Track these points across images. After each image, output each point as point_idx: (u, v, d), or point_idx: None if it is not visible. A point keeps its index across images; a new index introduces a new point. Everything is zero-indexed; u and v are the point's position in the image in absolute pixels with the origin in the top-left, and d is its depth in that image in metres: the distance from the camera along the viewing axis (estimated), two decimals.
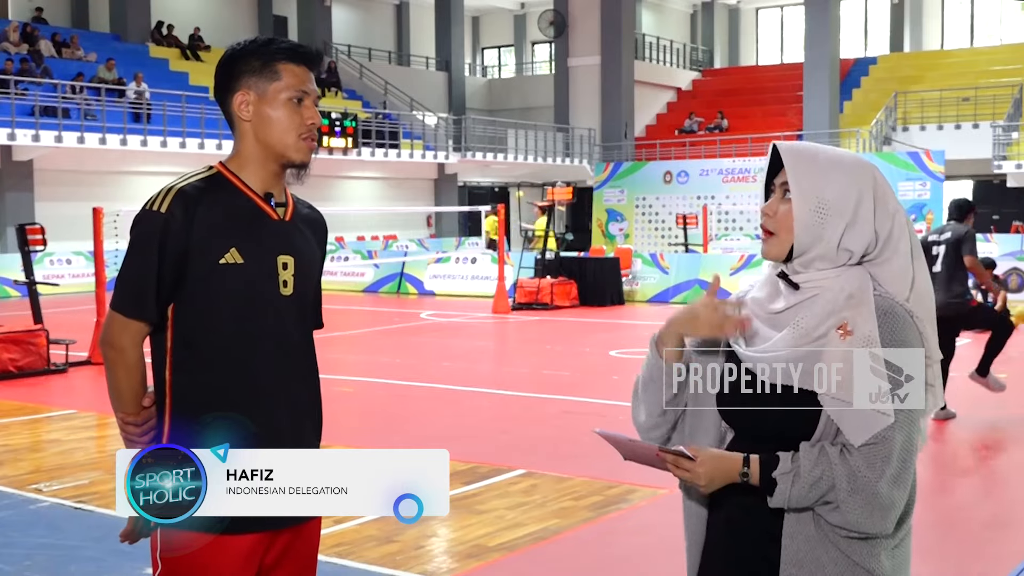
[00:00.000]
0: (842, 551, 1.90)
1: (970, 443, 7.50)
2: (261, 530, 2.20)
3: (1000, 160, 26.45)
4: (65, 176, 21.70)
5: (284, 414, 2.26)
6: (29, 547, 4.94)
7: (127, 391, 2.25)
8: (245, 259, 2.22)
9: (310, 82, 2.31)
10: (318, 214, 2.48)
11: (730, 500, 1.99)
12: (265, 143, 2.29)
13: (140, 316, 2.21)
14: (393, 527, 5.28)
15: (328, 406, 2.44)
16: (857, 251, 1.95)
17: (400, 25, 37.46)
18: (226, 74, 2.31)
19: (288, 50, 2.29)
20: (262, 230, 2.27)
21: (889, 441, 1.86)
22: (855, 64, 34.49)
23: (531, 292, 17.03)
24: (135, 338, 2.23)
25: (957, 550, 5.17)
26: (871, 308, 1.91)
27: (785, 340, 1.94)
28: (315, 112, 2.31)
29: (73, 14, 28.95)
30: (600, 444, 2.07)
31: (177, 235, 2.17)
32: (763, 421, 1.97)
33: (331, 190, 27.43)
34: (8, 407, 8.65)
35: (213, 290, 2.20)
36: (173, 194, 2.20)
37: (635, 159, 31.91)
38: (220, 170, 2.30)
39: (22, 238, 10.78)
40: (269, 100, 2.27)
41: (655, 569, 4.81)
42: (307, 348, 2.36)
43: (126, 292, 2.22)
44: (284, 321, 2.28)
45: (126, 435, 2.27)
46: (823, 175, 1.95)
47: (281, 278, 2.27)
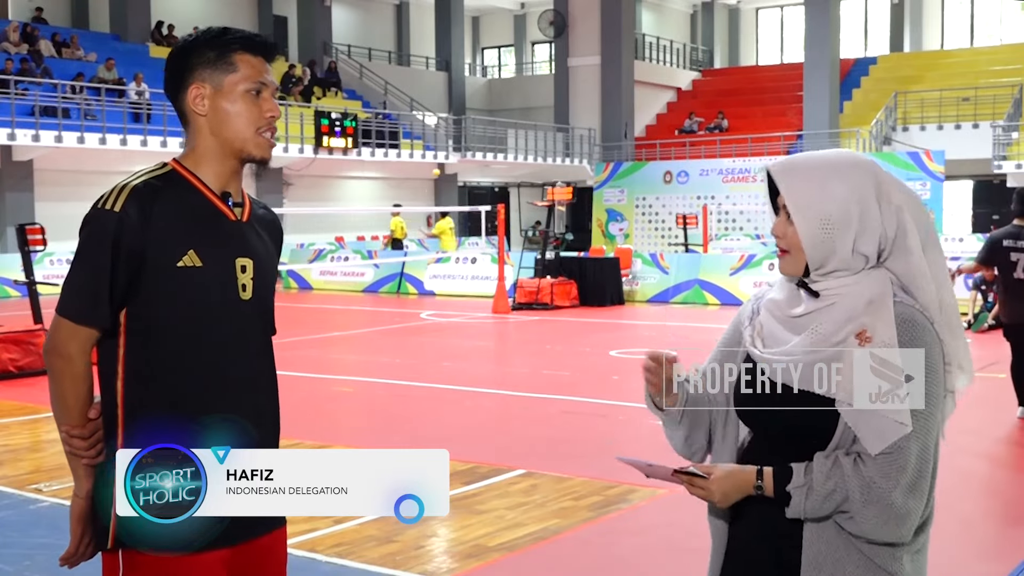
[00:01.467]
0: (864, 554, 1.90)
1: (970, 442, 7.50)
2: (225, 546, 2.10)
3: (1000, 160, 26.45)
4: (65, 176, 21.70)
5: (245, 419, 2.15)
6: (29, 547, 4.94)
7: (73, 402, 2.11)
8: (204, 262, 2.10)
9: (267, 73, 2.20)
10: (273, 215, 2.36)
11: (750, 508, 1.98)
12: (222, 138, 2.17)
13: (91, 322, 2.08)
14: (393, 527, 5.28)
15: (328, 406, 2.45)
16: (871, 252, 1.94)
17: (400, 25, 37.47)
18: (178, 67, 2.18)
19: (244, 40, 2.18)
20: (220, 231, 2.16)
21: (905, 451, 1.86)
22: (855, 64, 34.49)
23: (531, 292, 17.03)
24: (84, 345, 2.09)
25: (958, 550, 5.17)
26: (891, 315, 1.90)
27: (803, 345, 1.93)
28: (274, 104, 2.21)
29: (73, 14, 28.96)
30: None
31: (132, 235, 2.05)
32: (778, 423, 1.97)
33: (331, 190, 27.45)
34: (8, 407, 8.65)
35: (170, 294, 2.08)
36: (127, 192, 2.07)
37: (635, 159, 31.92)
38: (175, 167, 2.18)
39: (22, 238, 10.78)
40: (225, 93, 2.15)
41: (655, 569, 4.81)
42: (267, 353, 2.25)
43: (76, 296, 2.08)
44: (243, 326, 2.17)
45: (71, 449, 2.12)
46: (821, 191, 1.92)
47: (240, 282, 2.16)
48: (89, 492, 2.13)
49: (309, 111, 25.57)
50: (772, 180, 2.01)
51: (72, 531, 2.15)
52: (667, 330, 14.13)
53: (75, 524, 2.15)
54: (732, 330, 2.12)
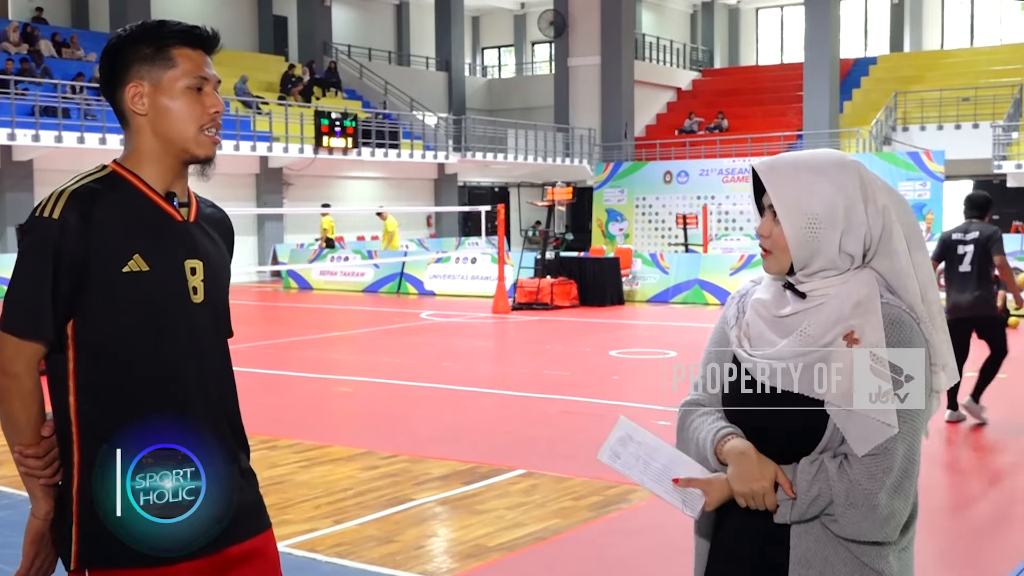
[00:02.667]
0: (852, 552, 1.91)
1: (971, 442, 7.50)
2: (196, 557, 2.02)
3: (1000, 160, 26.45)
4: (65, 176, 21.34)
5: (205, 428, 2.06)
6: None
7: (24, 421, 2.02)
8: (151, 266, 2.02)
9: (208, 67, 2.10)
10: (223, 213, 2.26)
11: (734, 509, 1.99)
12: (164, 138, 2.07)
13: (35, 336, 1.98)
14: (393, 527, 5.29)
15: (328, 406, 2.45)
16: (857, 252, 1.94)
17: (400, 25, 37.47)
18: (114, 64, 2.08)
19: (181, 33, 2.08)
20: (166, 233, 2.07)
21: (891, 452, 1.87)
22: (855, 64, 34.49)
23: (531, 292, 17.03)
24: (30, 362, 1.99)
25: (958, 550, 5.17)
26: (879, 318, 1.90)
27: (791, 346, 1.94)
28: (217, 99, 2.10)
29: (73, 14, 28.96)
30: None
31: (73, 243, 1.96)
32: (764, 424, 1.98)
33: (331, 190, 27.44)
34: None
35: (117, 301, 1.99)
36: (66, 198, 1.99)
37: (635, 159, 31.91)
38: (115, 169, 2.09)
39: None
40: (165, 90, 2.06)
41: (655, 569, 4.81)
42: (223, 358, 2.17)
43: (18, 310, 1.98)
44: (197, 331, 2.08)
45: (26, 469, 2.05)
46: (807, 190, 1.92)
47: (190, 284, 2.07)
48: (48, 513, 2.08)
49: (309, 111, 25.58)
50: (757, 179, 2.01)
51: (25, 552, 2.09)
52: (667, 330, 14.14)
53: (28, 545, 2.09)
54: (719, 331, 2.11)
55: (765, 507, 1.93)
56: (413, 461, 6.67)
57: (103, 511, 1.98)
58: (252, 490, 2.20)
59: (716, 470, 1.98)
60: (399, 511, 5.56)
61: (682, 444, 2.08)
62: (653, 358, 11.23)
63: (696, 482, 1.98)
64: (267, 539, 2.20)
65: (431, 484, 6.12)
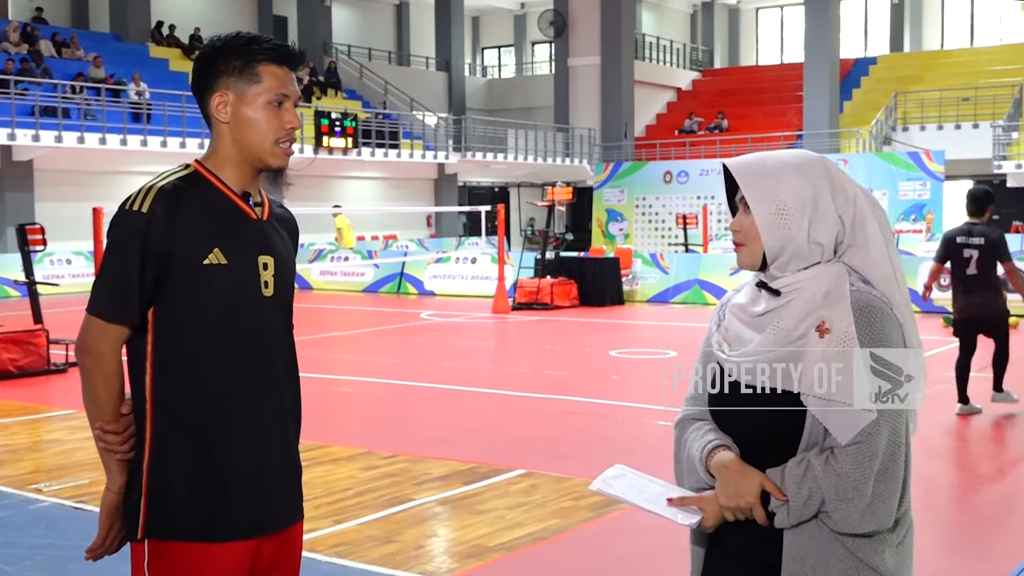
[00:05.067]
0: (847, 548, 1.92)
1: (971, 441, 7.51)
2: (248, 537, 2.17)
3: (1000, 160, 26.46)
4: (65, 176, 21.70)
5: (269, 415, 2.22)
6: (29, 547, 4.94)
7: (106, 399, 2.18)
8: (228, 260, 2.16)
9: (291, 84, 2.24)
10: (289, 214, 2.43)
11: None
12: (242, 145, 2.22)
13: (121, 320, 2.13)
14: (393, 527, 5.29)
15: (328, 406, 2.46)
16: (827, 242, 1.97)
17: (400, 25, 37.47)
18: (205, 72, 2.23)
19: (270, 51, 2.22)
20: (243, 230, 2.22)
21: (875, 437, 1.88)
22: (855, 64, 34.50)
23: (531, 292, 17.03)
24: (114, 343, 2.15)
25: (958, 549, 5.17)
26: (847, 304, 1.93)
27: (765, 342, 1.96)
28: (295, 115, 2.25)
29: (73, 14, 28.96)
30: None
31: (160, 235, 2.10)
32: (746, 425, 2.00)
33: (331, 190, 27.44)
34: (8, 407, 8.65)
35: (197, 292, 2.14)
36: (154, 193, 2.13)
37: (635, 159, 31.92)
38: (198, 168, 2.23)
39: (22, 238, 10.78)
40: (248, 103, 2.20)
41: (655, 569, 4.81)
42: (289, 348, 2.32)
43: (106, 295, 2.14)
44: (266, 322, 2.23)
45: (105, 445, 2.18)
46: (775, 178, 1.98)
47: (262, 279, 2.22)
48: (122, 487, 2.19)
49: (309, 111, 25.57)
50: (729, 179, 2.07)
51: (101, 524, 2.21)
52: (667, 330, 14.14)
53: (104, 518, 2.21)
54: (708, 337, 2.15)
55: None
56: (413, 461, 6.67)
57: (169, 487, 2.13)
58: (298, 480, 2.34)
59: (710, 484, 2.00)
60: (399, 511, 5.56)
61: (678, 462, 2.11)
62: (653, 358, 11.23)
63: (690, 500, 2.00)
64: (300, 528, 2.35)
65: (431, 484, 6.12)
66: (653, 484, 2.07)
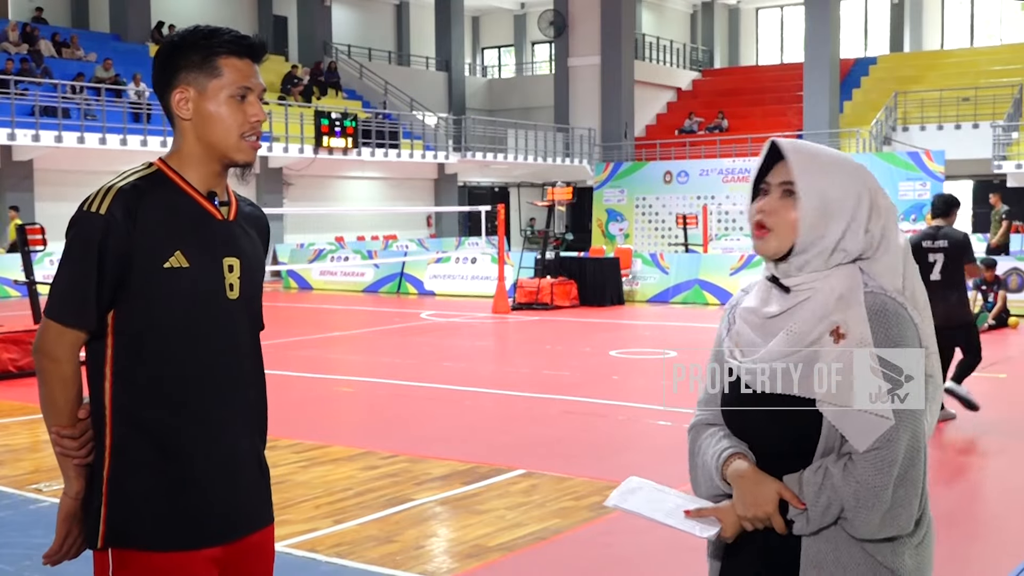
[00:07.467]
0: (866, 551, 1.89)
1: (970, 442, 7.50)
2: (215, 544, 2.13)
3: (1000, 160, 26.45)
4: (65, 176, 21.69)
5: (233, 420, 2.18)
6: (29, 547, 4.94)
7: (63, 403, 2.12)
8: (191, 262, 2.10)
9: (254, 76, 2.17)
10: (260, 212, 2.36)
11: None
12: (206, 142, 2.15)
13: (78, 324, 2.07)
14: (393, 527, 5.29)
15: (328, 406, 2.46)
16: (853, 252, 1.94)
17: (400, 25, 37.46)
18: (164, 68, 2.17)
19: (229, 43, 2.15)
20: (207, 231, 2.15)
21: (894, 443, 1.84)
22: (855, 64, 34.49)
23: (531, 292, 17.02)
24: (72, 348, 2.09)
25: (958, 549, 5.17)
26: (862, 310, 1.90)
27: (779, 346, 1.93)
28: (259, 108, 2.18)
29: (73, 14, 28.96)
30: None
31: (119, 238, 2.04)
32: (761, 430, 1.97)
33: (331, 190, 27.44)
34: (8, 407, 8.65)
35: (157, 295, 2.08)
36: (113, 193, 2.06)
37: (635, 159, 31.91)
38: (161, 167, 2.16)
39: (22, 238, 10.78)
40: (209, 97, 2.13)
41: (655, 569, 4.81)
42: (255, 352, 2.26)
43: (63, 299, 2.08)
44: (232, 325, 2.17)
45: (61, 449, 2.13)
46: (827, 174, 1.94)
47: (227, 281, 2.16)
48: (79, 492, 2.14)
49: (309, 111, 25.58)
50: (767, 160, 2.00)
51: (57, 530, 2.16)
52: (667, 330, 14.14)
53: (61, 523, 2.16)
54: (718, 340, 2.11)
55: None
56: (413, 461, 6.67)
57: (131, 494, 2.08)
58: (266, 483, 2.29)
59: (726, 492, 1.98)
60: (399, 511, 5.56)
61: (693, 468, 2.08)
62: (653, 358, 11.23)
63: (707, 511, 1.98)
64: (270, 533, 2.30)
65: (431, 484, 6.12)
66: (669, 496, 2.04)
